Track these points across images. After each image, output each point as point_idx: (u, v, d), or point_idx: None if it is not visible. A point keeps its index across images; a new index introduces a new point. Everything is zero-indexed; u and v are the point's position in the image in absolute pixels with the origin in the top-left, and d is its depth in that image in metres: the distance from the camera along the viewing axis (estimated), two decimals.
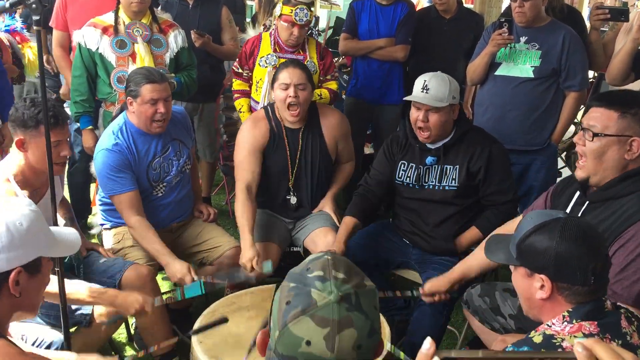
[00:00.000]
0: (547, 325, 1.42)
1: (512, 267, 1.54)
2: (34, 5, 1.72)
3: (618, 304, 1.47)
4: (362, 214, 2.75)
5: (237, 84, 3.34)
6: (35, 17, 1.77)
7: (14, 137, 2.29)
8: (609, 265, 1.43)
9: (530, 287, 1.44)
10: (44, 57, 3.89)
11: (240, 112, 3.31)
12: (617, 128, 1.79)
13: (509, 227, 2.14)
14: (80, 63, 3.10)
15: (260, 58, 3.23)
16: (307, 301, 0.88)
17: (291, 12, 3.08)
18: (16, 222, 1.40)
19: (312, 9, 3.21)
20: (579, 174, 1.89)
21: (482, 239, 2.43)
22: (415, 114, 2.58)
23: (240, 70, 3.31)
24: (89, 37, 3.05)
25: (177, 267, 2.47)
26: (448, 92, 2.51)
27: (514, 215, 2.52)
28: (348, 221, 2.69)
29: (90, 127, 3.20)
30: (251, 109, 3.28)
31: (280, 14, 3.12)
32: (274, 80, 2.78)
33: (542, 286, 1.41)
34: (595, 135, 1.81)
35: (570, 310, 1.39)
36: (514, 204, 2.64)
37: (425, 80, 2.54)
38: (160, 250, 2.54)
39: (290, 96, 2.71)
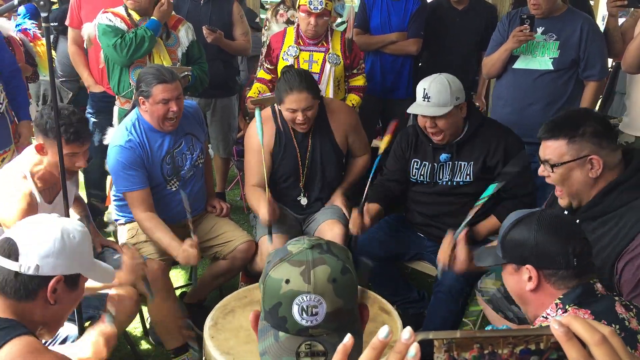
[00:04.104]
0: (543, 317, 1.44)
1: (502, 270, 1.59)
2: (41, 3, 1.73)
3: (614, 293, 1.49)
4: (383, 201, 2.73)
5: (260, 73, 3.45)
6: (43, 14, 1.78)
7: (35, 140, 2.32)
8: (590, 247, 1.47)
9: (520, 281, 1.50)
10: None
11: (255, 93, 3.36)
12: (571, 154, 1.83)
13: None
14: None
15: (284, 52, 3.24)
16: (284, 253, 1.00)
17: (306, 2, 3.08)
18: (70, 233, 1.48)
19: None
20: (561, 203, 1.95)
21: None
22: (422, 121, 2.56)
23: (265, 64, 3.39)
24: (113, 20, 3.06)
25: (184, 254, 2.47)
26: (450, 95, 2.45)
27: (533, 207, 2.49)
28: (370, 206, 2.67)
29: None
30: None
31: (298, 5, 3.13)
32: (280, 97, 2.70)
33: (530, 277, 1.46)
34: (553, 166, 1.86)
35: (561, 297, 1.43)
36: (533, 196, 2.59)
37: (424, 89, 2.48)
38: (167, 242, 2.53)
39: (299, 119, 2.68)
